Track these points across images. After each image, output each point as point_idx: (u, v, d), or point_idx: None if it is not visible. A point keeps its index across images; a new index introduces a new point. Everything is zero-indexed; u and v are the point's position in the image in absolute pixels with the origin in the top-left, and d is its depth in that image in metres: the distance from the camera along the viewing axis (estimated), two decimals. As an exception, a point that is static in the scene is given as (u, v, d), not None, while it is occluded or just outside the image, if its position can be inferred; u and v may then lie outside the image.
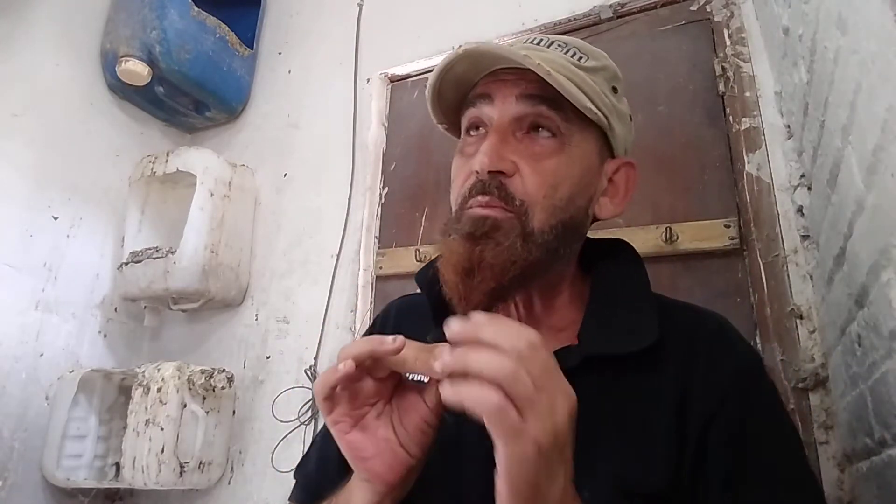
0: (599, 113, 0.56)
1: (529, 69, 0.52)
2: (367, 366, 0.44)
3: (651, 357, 0.52)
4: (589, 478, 0.44)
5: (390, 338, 0.43)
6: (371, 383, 0.46)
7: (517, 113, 0.56)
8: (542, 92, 0.54)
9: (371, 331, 0.71)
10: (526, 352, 0.38)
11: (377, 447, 0.45)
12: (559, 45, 0.59)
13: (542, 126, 0.56)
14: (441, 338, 0.55)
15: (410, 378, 0.48)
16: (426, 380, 0.47)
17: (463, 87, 0.60)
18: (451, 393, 0.38)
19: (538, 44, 0.59)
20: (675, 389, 0.51)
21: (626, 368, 0.52)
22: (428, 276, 0.61)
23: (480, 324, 0.39)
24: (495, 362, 0.37)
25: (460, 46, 0.56)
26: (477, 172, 0.54)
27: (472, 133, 0.60)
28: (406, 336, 0.44)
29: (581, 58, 0.58)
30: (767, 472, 0.49)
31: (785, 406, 0.55)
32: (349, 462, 0.46)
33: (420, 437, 0.45)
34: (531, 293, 0.59)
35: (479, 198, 0.54)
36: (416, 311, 0.65)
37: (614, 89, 0.60)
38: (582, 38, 0.63)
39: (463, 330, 0.39)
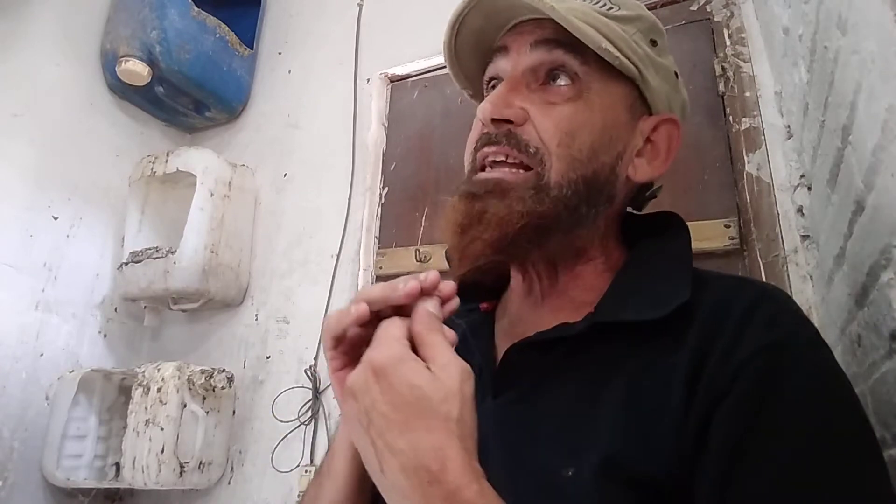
0: (626, 60, 0.50)
1: (548, 19, 0.48)
2: (377, 310, 0.43)
3: (675, 329, 0.44)
4: (575, 456, 0.41)
5: (401, 284, 0.41)
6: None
7: (532, 62, 0.51)
8: (558, 36, 0.49)
9: None
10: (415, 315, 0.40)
11: None
12: None
13: (559, 72, 0.50)
14: (461, 314, 0.53)
15: None
16: None
17: (482, 47, 0.56)
18: None
19: None
20: (689, 368, 0.42)
21: (644, 340, 0.45)
22: None
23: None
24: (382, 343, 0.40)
25: None
26: (483, 124, 0.50)
27: (489, 90, 0.55)
28: (450, 319, 0.44)
29: (611, 7, 0.53)
30: (779, 475, 0.37)
31: (847, 404, 0.40)
32: (337, 400, 0.45)
33: None
34: (554, 262, 0.53)
35: (486, 149, 0.50)
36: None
37: (653, 42, 0.54)
38: None
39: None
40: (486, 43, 0.55)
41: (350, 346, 0.44)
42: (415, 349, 0.39)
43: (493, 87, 0.55)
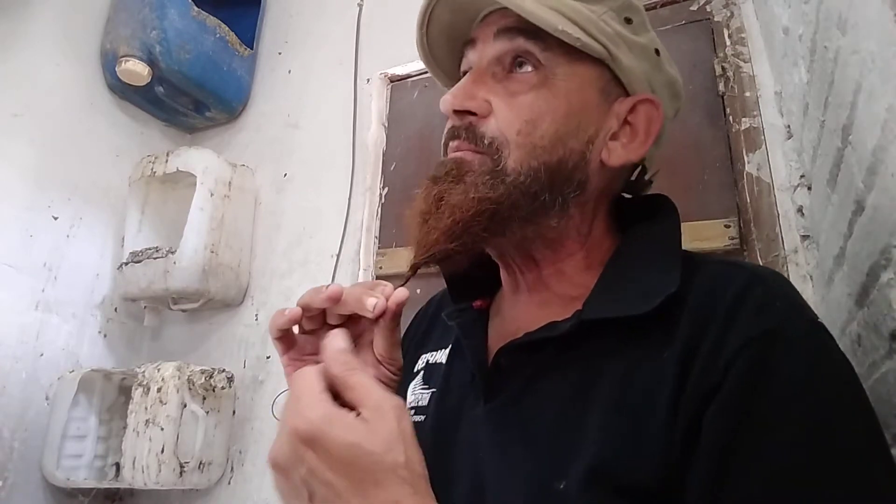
0: (591, 40, 0.48)
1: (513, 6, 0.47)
2: (319, 314, 0.45)
3: (666, 321, 0.42)
4: (566, 465, 0.40)
5: (324, 287, 0.44)
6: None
7: (496, 52, 0.50)
8: (518, 24, 0.48)
9: (409, 326, 0.68)
10: (325, 355, 0.41)
11: None
12: None
13: (523, 60, 0.49)
14: (454, 314, 0.56)
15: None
16: None
17: (455, 42, 0.55)
18: None
19: None
20: (677, 363, 0.40)
21: (634, 335, 0.43)
22: None
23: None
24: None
25: None
26: (448, 116, 0.49)
27: None
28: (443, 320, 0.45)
29: None
30: (775, 474, 0.35)
31: (848, 389, 0.38)
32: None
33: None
34: (531, 254, 0.52)
35: (451, 143, 0.50)
36: None
37: (628, 20, 0.52)
38: None
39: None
40: (459, 38, 0.54)
41: (305, 349, 0.46)
42: (336, 394, 0.38)
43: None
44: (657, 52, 0.54)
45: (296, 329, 0.49)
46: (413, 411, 0.54)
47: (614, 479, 0.38)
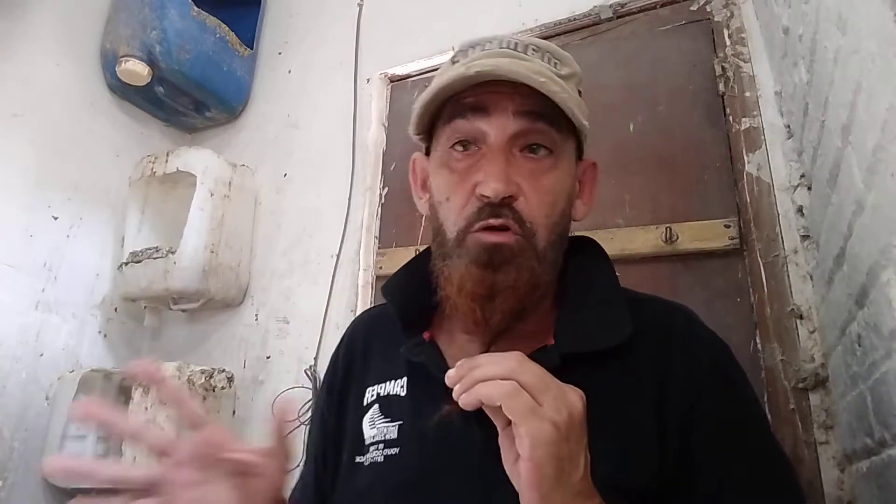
0: (584, 123, 0.56)
1: (523, 84, 0.51)
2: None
3: (625, 352, 0.53)
4: None
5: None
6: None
7: (516, 130, 0.54)
8: (538, 108, 0.53)
9: (335, 357, 0.71)
10: (519, 363, 0.42)
11: None
12: (534, 50, 0.57)
13: (539, 143, 0.54)
14: (414, 349, 0.59)
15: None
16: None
17: (443, 94, 0.56)
18: (468, 395, 0.41)
19: (515, 48, 0.56)
20: (652, 383, 0.52)
21: (602, 365, 0.52)
22: (399, 288, 0.62)
23: (471, 360, 0.43)
24: (499, 367, 0.41)
25: (472, 68, 0.53)
26: (486, 197, 0.52)
27: (458, 148, 0.56)
28: (381, 349, 0.52)
29: (556, 64, 0.57)
30: (748, 455, 0.51)
31: (752, 386, 0.58)
32: None
33: None
34: (525, 305, 0.57)
35: (492, 220, 0.52)
36: (386, 322, 0.64)
37: (579, 92, 0.60)
38: (581, 38, 0.63)
39: (459, 369, 0.43)
40: (448, 91, 0.56)
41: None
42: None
43: (466, 142, 0.55)
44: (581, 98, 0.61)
45: None
46: (381, 445, 0.56)
47: (619, 482, 0.46)
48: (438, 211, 0.57)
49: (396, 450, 0.55)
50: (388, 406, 0.59)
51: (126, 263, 1.46)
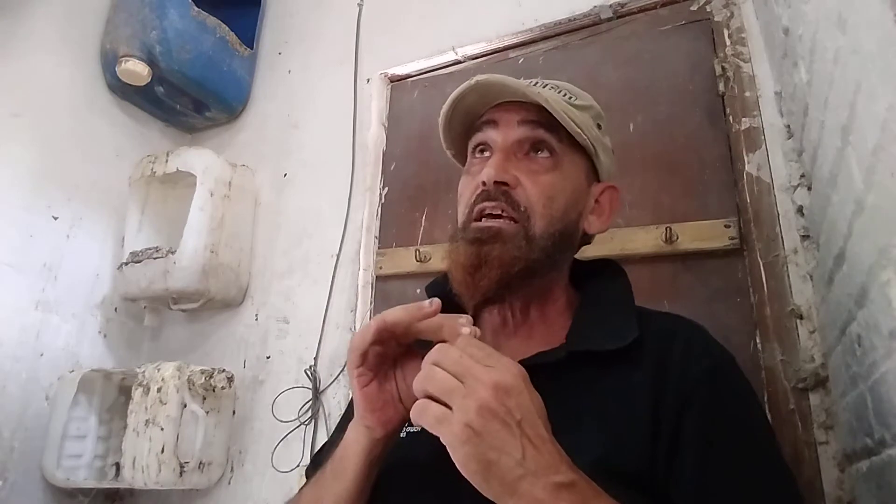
0: (587, 139, 0.65)
1: (528, 102, 0.63)
2: (397, 331, 0.52)
3: (631, 356, 0.58)
4: (572, 459, 0.48)
5: (427, 303, 0.52)
6: (393, 346, 0.54)
7: (519, 136, 0.64)
8: (539, 118, 0.63)
9: None
10: (439, 350, 0.47)
11: (384, 401, 0.55)
12: (552, 87, 0.67)
13: (540, 147, 0.64)
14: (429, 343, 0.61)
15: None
16: None
17: (470, 118, 0.68)
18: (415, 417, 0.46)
19: (534, 85, 0.66)
20: (652, 384, 0.56)
21: (609, 365, 0.57)
22: (437, 282, 0.70)
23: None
24: (428, 362, 0.47)
25: (473, 79, 0.64)
26: (484, 183, 0.61)
27: (477, 155, 0.68)
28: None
29: (571, 97, 0.67)
30: (735, 463, 0.53)
31: (759, 402, 0.60)
32: (358, 411, 0.55)
33: (415, 397, 0.50)
34: (528, 300, 0.65)
35: (486, 203, 0.61)
36: None
37: (599, 126, 0.69)
38: (581, 39, 0.69)
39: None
40: (474, 115, 0.68)
41: (371, 365, 0.54)
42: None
43: (481, 150, 0.68)
44: (612, 151, 0.72)
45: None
46: (407, 422, 0.59)
47: (616, 466, 0.51)
48: (458, 207, 0.67)
49: (419, 427, 0.57)
50: None
51: (126, 263, 1.46)
